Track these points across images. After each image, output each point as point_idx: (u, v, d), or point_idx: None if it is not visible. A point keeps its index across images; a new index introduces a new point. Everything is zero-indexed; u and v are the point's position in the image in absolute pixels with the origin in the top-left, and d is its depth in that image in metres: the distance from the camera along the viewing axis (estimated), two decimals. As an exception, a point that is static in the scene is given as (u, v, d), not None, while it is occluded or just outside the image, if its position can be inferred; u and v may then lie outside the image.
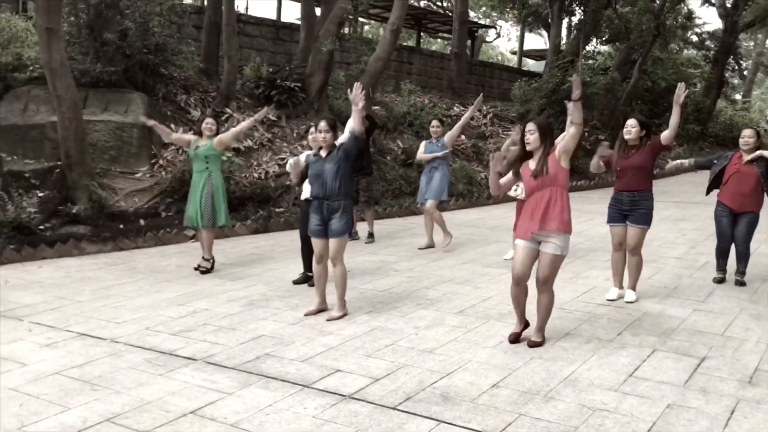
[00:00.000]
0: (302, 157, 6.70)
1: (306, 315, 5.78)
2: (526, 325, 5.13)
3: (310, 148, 6.70)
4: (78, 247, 8.37)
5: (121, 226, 9.29)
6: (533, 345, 4.94)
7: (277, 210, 10.92)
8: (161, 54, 11.81)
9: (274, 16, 18.57)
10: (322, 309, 5.88)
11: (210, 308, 6.01)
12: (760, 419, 3.79)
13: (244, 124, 7.77)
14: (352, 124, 5.71)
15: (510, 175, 5.08)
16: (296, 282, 6.94)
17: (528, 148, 4.88)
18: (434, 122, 9.07)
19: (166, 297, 6.40)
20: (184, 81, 12.88)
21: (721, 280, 7.00)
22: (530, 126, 4.90)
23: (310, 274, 6.82)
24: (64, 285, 6.84)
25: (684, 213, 12.12)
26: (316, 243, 5.80)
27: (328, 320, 5.64)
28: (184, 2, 17.59)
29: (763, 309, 5.99)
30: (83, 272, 7.44)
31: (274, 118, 13.07)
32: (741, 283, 6.89)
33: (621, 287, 6.37)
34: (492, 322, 5.56)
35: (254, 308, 6.01)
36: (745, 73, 37.74)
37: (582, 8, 20.13)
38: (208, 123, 7.55)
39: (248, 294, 6.52)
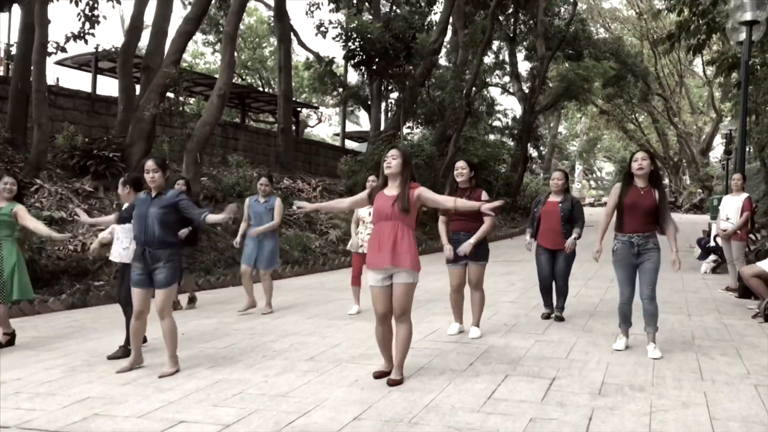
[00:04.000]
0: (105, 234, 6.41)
1: (118, 372, 5.23)
2: (392, 368, 4.92)
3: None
4: None
5: None
6: (393, 383, 4.71)
7: (96, 283, 9.98)
8: (-42, 120, 10.69)
9: (89, 89, 17.60)
10: (136, 364, 5.37)
11: (23, 377, 5.21)
12: (616, 422, 3.86)
13: (50, 233, 6.77)
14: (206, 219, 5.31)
15: (362, 195, 5.06)
16: (111, 357, 5.86)
17: (387, 171, 4.79)
18: (263, 179, 8.37)
19: (-36, 372, 5.47)
20: (-15, 151, 11.71)
21: (547, 316, 7.31)
22: (394, 152, 4.85)
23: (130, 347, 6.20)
24: None
25: (508, 269, 12.75)
26: (137, 294, 5.25)
27: (160, 377, 5.09)
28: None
29: (596, 337, 6.28)
30: None
31: (90, 189, 12.19)
32: (560, 318, 7.19)
33: (461, 322, 6.44)
34: (344, 365, 5.32)
35: (77, 374, 5.30)
36: (544, 153, 41.89)
37: (399, 87, 21.23)
38: (7, 183, 6.52)
39: (68, 361, 5.75)
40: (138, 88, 14.78)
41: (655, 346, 5.55)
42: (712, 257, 11.73)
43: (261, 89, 34.00)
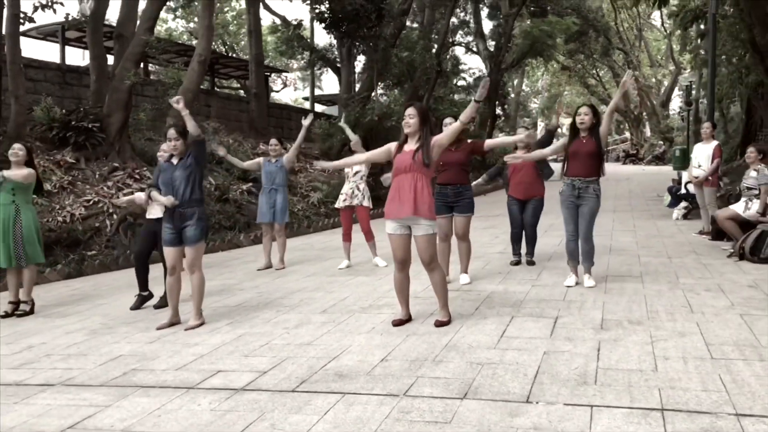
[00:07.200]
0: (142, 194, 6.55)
1: (158, 329, 5.52)
2: (410, 318, 5.26)
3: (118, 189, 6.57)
4: None
5: None
6: (440, 324, 5.04)
7: (89, 253, 10.09)
8: (-67, 95, 10.52)
9: (56, 60, 17.27)
10: (174, 322, 5.63)
11: (48, 341, 5.41)
12: (622, 351, 4.22)
13: None
14: (189, 128, 5.55)
15: (383, 149, 5.23)
16: (133, 308, 6.54)
17: (406, 131, 5.01)
18: (273, 140, 8.84)
19: (-12, 339, 5.64)
20: (-38, 125, 11.57)
21: (516, 263, 7.78)
22: (411, 111, 5.02)
23: (144, 293, 6.55)
24: None
25: (488, 223, 13.14)
26: (169, 252, 5.52)
27: (186, 330, 5.40)
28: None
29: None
30: None
31: (72, 161, 12.16)
32: (531, 263, 7.69)
33: (447, 274, 6.65)
34: (357, 315, 5.62)
35: (99, 335, 5.51)
36: (509, 111, 42.29)
37: (371, 48, 21.21)
38: (15, 149, 6.72)
39: (87, 325, 5.95)
40: (110, 57, 14.61)
41: (590, 276, 6.34)
42: (683, 204, 12.24)
43: (226, 54, 33.54)
